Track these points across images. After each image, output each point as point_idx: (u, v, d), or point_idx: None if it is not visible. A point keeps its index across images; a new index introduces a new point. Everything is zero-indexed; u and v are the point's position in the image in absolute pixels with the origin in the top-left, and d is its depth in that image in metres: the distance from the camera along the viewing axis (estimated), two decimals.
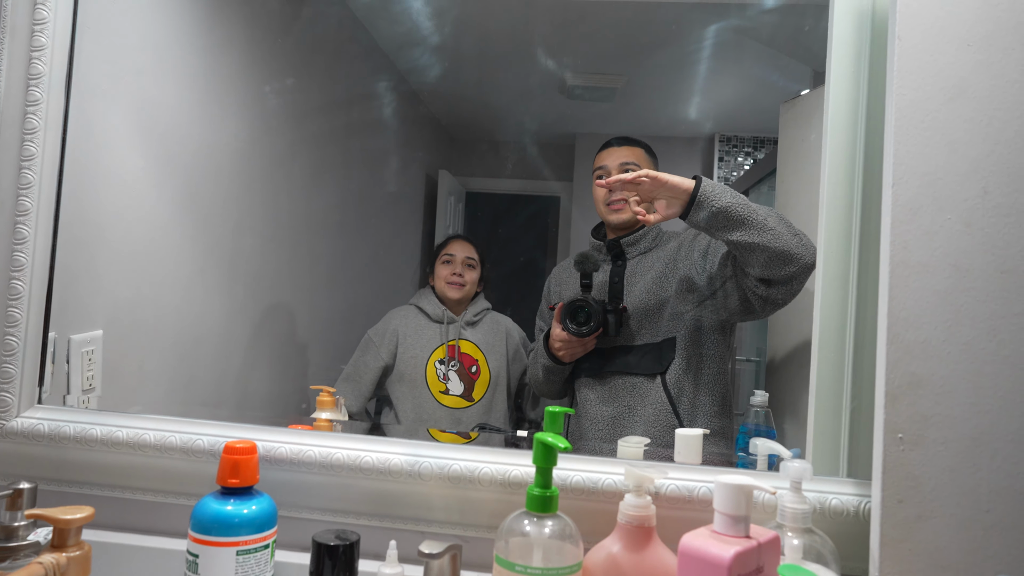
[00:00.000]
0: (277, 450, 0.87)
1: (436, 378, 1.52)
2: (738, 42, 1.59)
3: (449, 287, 1.59)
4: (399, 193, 2.04)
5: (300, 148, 1.70)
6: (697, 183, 1.05)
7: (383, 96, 1.93)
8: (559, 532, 0.71)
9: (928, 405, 0.69)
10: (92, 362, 1.06)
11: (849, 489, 0.80)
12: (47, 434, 0.91)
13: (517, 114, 1.99)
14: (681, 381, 1.22)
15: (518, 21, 1.72)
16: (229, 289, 1.47)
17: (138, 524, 0.91)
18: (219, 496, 0.77)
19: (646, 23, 1.61)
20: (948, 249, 0.70)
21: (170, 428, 0.90)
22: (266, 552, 0.77)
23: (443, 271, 1.60)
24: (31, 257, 0.92)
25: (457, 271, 1.59)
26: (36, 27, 0.92)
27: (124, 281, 1.14)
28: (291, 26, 1.63)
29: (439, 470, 0.84)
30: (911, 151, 0.71)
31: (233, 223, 1.48)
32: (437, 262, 1.63)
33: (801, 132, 1.28)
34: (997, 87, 0.71)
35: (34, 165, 0.92)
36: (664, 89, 1.82)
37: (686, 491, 0.81)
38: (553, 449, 0.72)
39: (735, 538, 0.65)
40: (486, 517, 0.84)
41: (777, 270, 1.06)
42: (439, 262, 1.62)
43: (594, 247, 1.37)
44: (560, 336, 1.26)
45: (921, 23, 0.72)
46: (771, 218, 1.05)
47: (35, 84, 0.92)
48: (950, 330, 0.69)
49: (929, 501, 0.68)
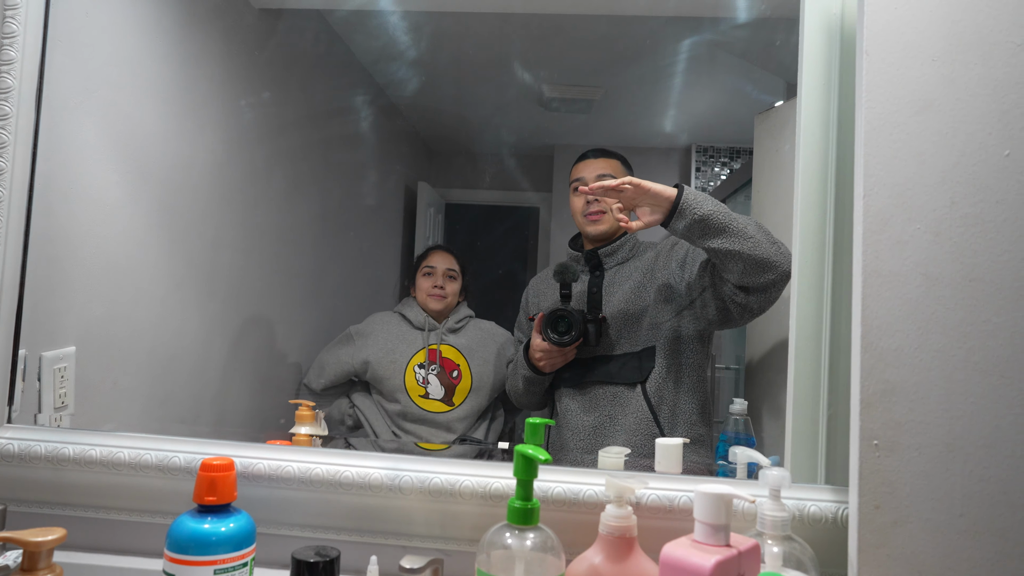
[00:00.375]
0: (255, 466, 0.86)
1: (415, 382, 1.52)
2: (712, 55, 1.61)
3: (431, 299, 1.58)
4: (378, 205, 2.04)
5: (277, 162, 1.69)
6: (679, 191, 1.07)
7: (360, 109, 1.93)
8: (541, 544, 0.71)
9: (902, 411, 0.70)
10: (64, 379, 1.04)
11: (827, 496, 0.81)
12: (17, 454, 0.89)
13: (495, 126, 2.00)
14: (661, 390, 1.23)
15: (494, 35, 1.73)
16: (206, 304, 1.45)
17: (112, 545, 0.89)
18: (196, 514, 0.76)
19: (622, 37, 1.63)
20: (918, 258, 0.72)
21: (145, 446, 0.89)
22: (244, 570, 0.75)
23: (424, 283, 1.60)
24: (0, 273, 0.91)
25: (438, 283, 1.58)
26: (5, 40, 0.91)
27: (98, 297, 1.12)
28: (267, 40, 1.62)
29: (420, 484, 0.84)
30: (881, 162, 0.73)
31: (210, 237, 1.46)
32: (418, 274, 1.62)
33: (775, 143, 1.30)
34: (962, 100, 0.73)
35: (3, 180, 0.91)
36: (641, 101, 1.84)
37: (667, 501, 0.81)
38: (534, 461, 0.72)
39: (716, 547, 0.65)
40: (468, 530, 0.84)
41: (756, 277, 1.07)
42: (420, 274, 1.61)
43: (572, 258, 1.37)
44: (540, 346, 1.26)
45: (887, 39, 0.74)
46: (750, 226, 1.06)
47: (4, 98, 0.91)
48: (922, 337, 0.71)
49: (905, 506, 0.69)
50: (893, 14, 0.74)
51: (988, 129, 0.72)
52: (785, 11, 1.01)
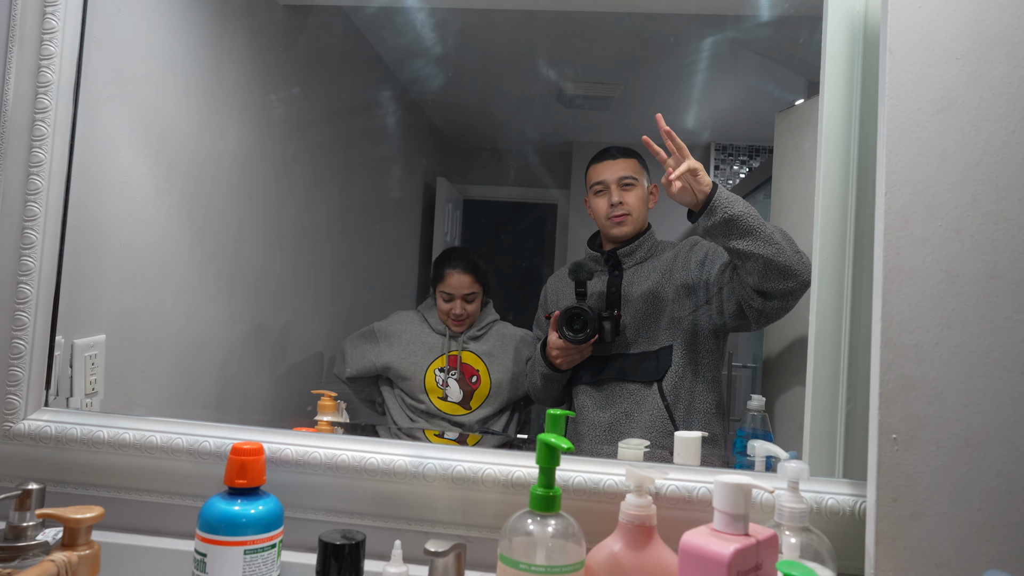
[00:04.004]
0: (283, 452, 0.88)
1: (435, 384, 1.52)
2: (734, 53, 1.61)
3: (452, 321, 1.55)
4: (398, 200, 2.06)
5: (301, 156, 1.71)
6: (714, 188, 1.08)
7: (384, 105, 1.94)
8: (562, 531, 0.72)
9: (921, 407, 0.71)
10: (95, 366, 1.07)
11: (845, 489, 0.82)
12: (54, 436, 0.92)
13: (515, 122, 2.01)
14: (677, 388, 1.25)
15: (520, 32, 1.74)
16: (230, 295, 1.48)
17: (144, 525, 0.92)
18: (226, 496, 0.78)
19: (645, 35, 1.63)
20: (939, 255, 0.72)
21: (176, 430, 0.91)
22: (273, 552, 0.78)
23: (444, 306, 1.56)
24: (39, 262, 0.94)
25: (457, 311, 1.55)
26: (45, 36, 0.94)
27: (127, 287, 1.15)
28: (296, 36, 1.64)
29: (443, 471, 0.86)
30: (903, 160, 0.74)
31: (234, 230, 1.49)
32: (437, 293, 1.57)
33: (796, 141, 1.30)
34: (985, 99, 0.73)
35: (42, 171, 0.94)
36: (661, 98, 1.84)
37: (686, 491, 0.82)
38: (556, 450, 0.73)
39: (734, 536, 0.66)
40: (489, 518, 0.86)
41: (776, 283, 1.09)
42: (438, 295, 1.57)
43: (591, 257, 1.39)
44: (557, 344, 1.28)
45: (911, 37, 0.75)
46: (776, 233, 1.08)
47: (44, 92, 0.94)
48: (942, 333, 0.71)
49: (922, 500, 0.70)
50: (917, 13, 0.75)
51: (1011, 127, 0.72)
52: (808, 9, 1.02)
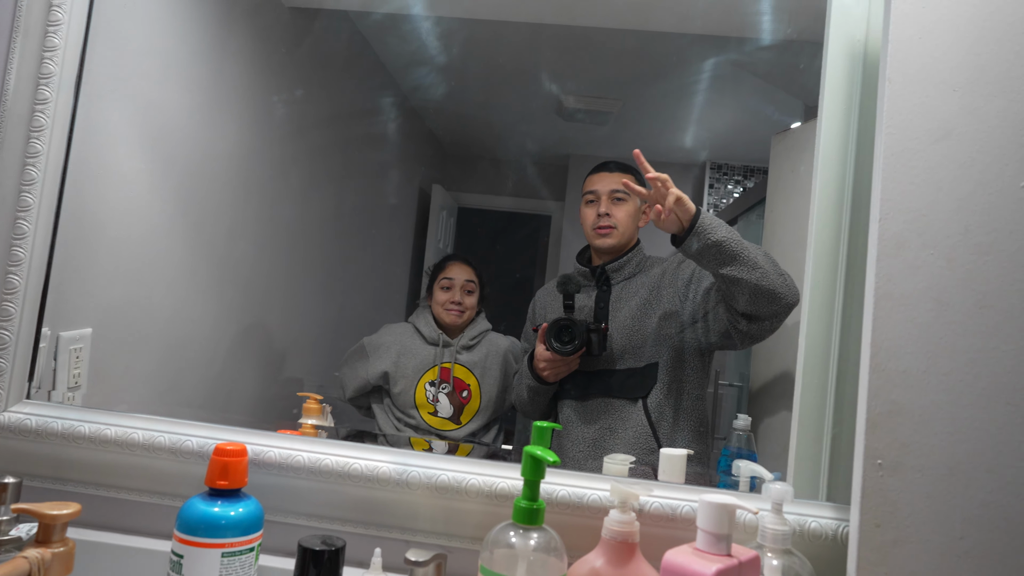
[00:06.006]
0: (266, 454, 0.87)
1: (425, 399, 1.50)
2: (734, 75, 1.63)
3: (447, 313, 1.54)
4: (392, 206, 2.06)
5: (298, 159, 1.71)
6: (697, 213, 1.08)
7: (384, 111, 1.95)
8: (544, 545, 0.72)
9: (907, 433, 0.71)
10: (79, 360, 1.06)
11: (828, 513, 0.82)
12: (34, 429, 0.90)
13: (513, 133, 2.02)
14: (662, 405, 1.25)
15: (524, 44, 1.75)
16: (219, 294, 1.47)
17: (122, 524, 0.90)
18: (206, 497, 0.77)
19: (648, 52, 1.64)
20: (931, 283, 0.73)
21: (159, 428, 0.90)
22: (251, 555, 0.77)
23: (441, 296, 1.55)
24: (29, 253, 0.93)
25: (456, 298, 1.54)
26: (50, 28, 0.94)
27: (116, 281, 1.14)
28: (302, 39, 1.64)
29: (427, 479, 0.85)
30: (898, 188, 0.74)
31: (227, 229, 1.48)
32: (435, 285, 1.57)
33: (791, 163, 1.31)
34: (981, 131, 0.74)
35: (39, 162, 0.93)
36: (659, 116, 1.86)
37: (670, 509, 0.82)
38: (542, 462, 0.73)
39: (717, 556, 0.66)
40: (471, 528, 0.85)
41: (761, 307, 1.09)
42: (437, 286, 1.56)
43: (579, 272, 1.39)
44: (544, 356, 1.28)
45: (910, 67, 0.75)
46: (760, 256, 1.09)
47: (45, 83, 0.93)
48: (931, 361, 0.72)
49: (905, 526, 0.70)
50: (917, 43, 0.75)
51: (1006, 160, 0.73)
52: (810, 35, 1.03)
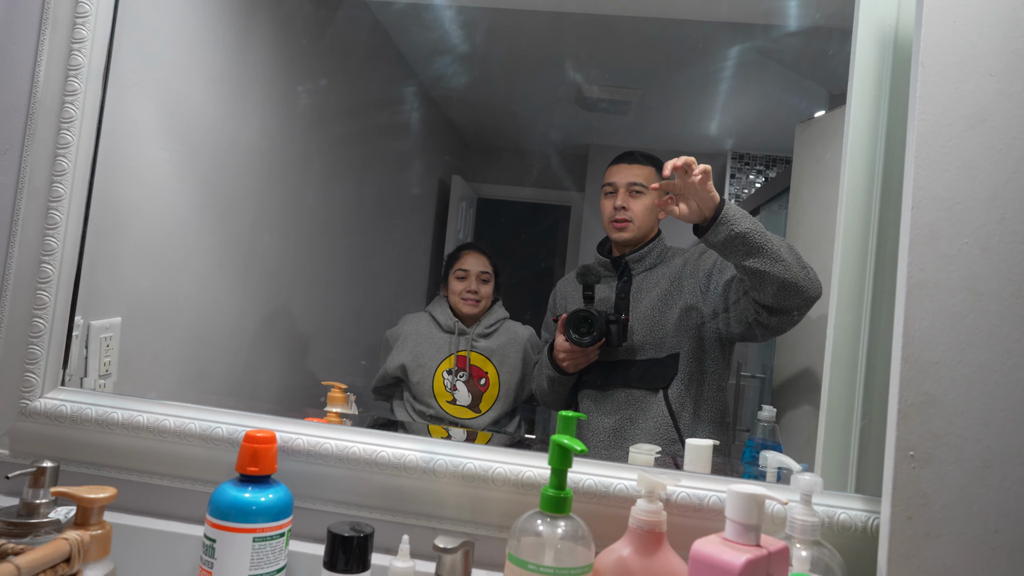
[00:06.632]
0: (294, 441, 0.88)
1: (443, 388, 1.50)
2: (759, 63, 1.61)
3: (464, 303, 1.53)
4: (413, 196, 2.07)
5: (320, 149, 1.72)
6: (721, 203, 1.08)
7: (404, 101, 1.95)
8: (571, 533, 0.72)
9: (940, 424, 0.70)
10: (110, 348, 1.08)
11: (858, 504, 0.81)
12: (69, 415, 0.92)
13: (533, 123, 2.01)
14: (683, 396, 1.25)
15: (546, 33, 1.74)
16: (244, 283, 1.48)
17: (154, 508, 0.92)
18: (237, 483, 0.78)
19: (672, 40, 1.63)
20: (964, 272, 0.72)
21: (190, 415, 0.92)
22: (281, 540, 0.78)
23: (457, 286, 1.55)
24: (61, 242, 0.94)
25: (472, 288, 1.54)
26: (78, 20, 0.94)
27: (144, 271, 1.16)
28: (325, 29, 1.65)
29: (453, 468, 0.86)
30: (931, 175, 0.73)
31: (251, 219, 1.50)
32: (450, 276, 1.57)
33: (816, 152, 1.30)
34: (1017, 116, 0.72)
35: (69, 153, 0.94)
36: (680, 105, 1.84)
37: (696, 499, 0.82)
38: (569, 451, 0.73)
39: (746, 546, 0.66)
40: (497, 516, 0.86)
41: (782, 300, 1.09)
42: (452, 276, 1.56)
43: (599, 263, 1.39)
44: (563, 346, 1.28)
45: (944, 52, 0.74)
46: (784, 249, 1.08)
47: (74, 75, 0.94)
48: (964, 352, 0.71)
49: (938, 519, 0.69)
50: (951, 28, 0.74)
51: None
52: (839, 21, 1.01)
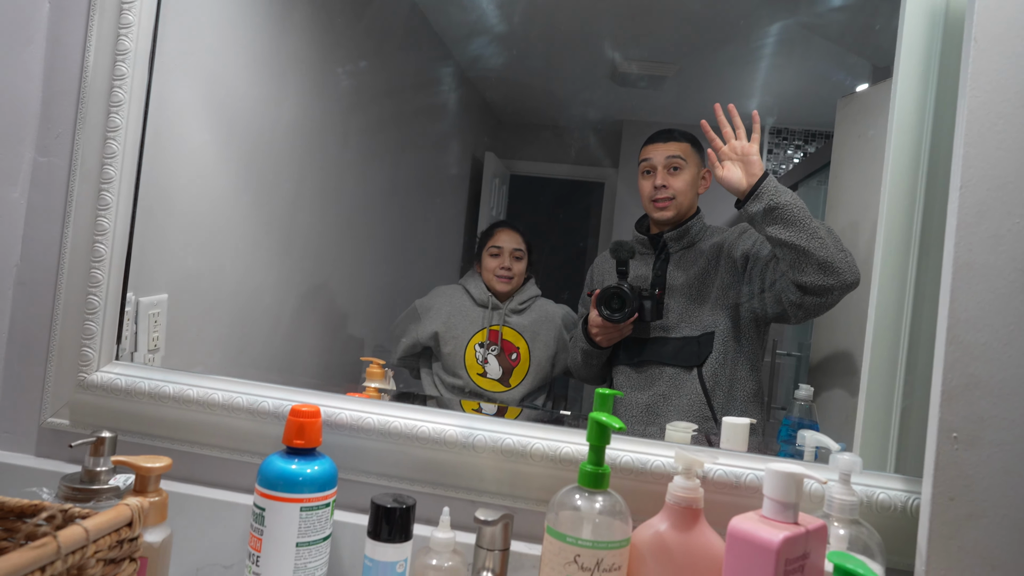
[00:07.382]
0: (338, 415, 0.91)
1: (475, 360, 1.52)
2: (801, 37, 1.57)
3: (498, 280, 1.55)
4: (445, 174, 2.07)
5: (358, 129, 1.73)
6: (764, 174, 1.10)
7: (443, 82, 1.95)
8: (609, 508, 0.74)
9: (985, 407, 0.70)
10: (157, 324, 1.12)
11: (898, 485, 0.81)
12: (124, 388, 0.96)
13: (567, 99, 1.99)
14: (717, 374, 1.25)
15: (585, 10, 1.72)
16: (283, 262, 1.52)
17: (205, 477, 0.96)
18: (284, 455, 0.81)
19: (713, 15, 1.59)
20: (1014, 253, 0.70)
21: (237, 390, 0.95)
22: (327, 510, 0.81)
23: (491, 263, 1.56)
24: (113, 222, 0.98)
25: (505, 264, 1.55)
26: (124, 5, 0.97)
27: (188, 249, 1.19)
28: (364, 10, 1.65)
29: (492, 443, 0.88)
30: (981, 154, 0.71)
31: (290, 199, 1.52)
32: (484, 253, 1.58)
33: (859, 128, 1.27)
34: None
35: (118, 136, 0.97)
36: (717, 80, 1.81)
37: (733, 477, 0.83)
38: (607, 428, 0.74)
39: (784, 524, 0.67)
40: (535, 491, 0.87)
41: (815, 278, 1.08)
42: (486, 253, 1.58)
43: (637, 240, 1.39)
44: (596, 322, 1.29)
45: (999, 25, 0.72)
46: (822, 229, 1.09)
47: (122, 60, 0.97)
48: (1012, 333, 0.70)
49: (981, 501, 0.69)
50: (1007, 1, 0.72)
51: None
52: None
